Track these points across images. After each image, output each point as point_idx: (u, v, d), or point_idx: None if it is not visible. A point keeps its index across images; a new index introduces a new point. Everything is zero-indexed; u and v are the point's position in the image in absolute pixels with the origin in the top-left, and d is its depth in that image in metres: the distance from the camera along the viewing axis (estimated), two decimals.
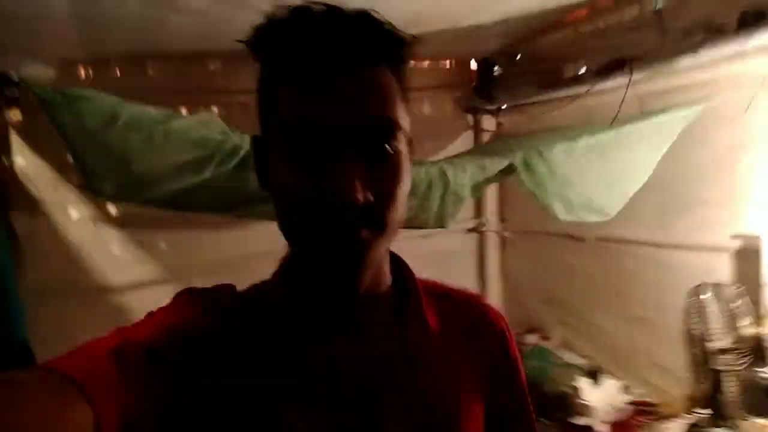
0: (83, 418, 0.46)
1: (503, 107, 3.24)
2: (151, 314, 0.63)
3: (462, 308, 0.74)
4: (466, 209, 3.46)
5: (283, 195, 0.57)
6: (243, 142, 1.56)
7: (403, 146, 0.58)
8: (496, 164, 1.97)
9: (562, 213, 2.05)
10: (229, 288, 0.67)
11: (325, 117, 0.52)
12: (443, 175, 1.91)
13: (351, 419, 0.60)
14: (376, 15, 0.55)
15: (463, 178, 1.94)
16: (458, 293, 0.77)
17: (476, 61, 3.27)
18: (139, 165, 1.44)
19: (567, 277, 3.07)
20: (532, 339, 3.08)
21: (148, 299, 0.71)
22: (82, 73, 2.53)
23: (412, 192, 1.92)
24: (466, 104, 3.28)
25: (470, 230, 3.55)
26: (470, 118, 3.41)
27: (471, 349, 0.71)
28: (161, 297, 0.68)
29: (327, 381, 0.60)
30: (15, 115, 2.31)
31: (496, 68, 3.18)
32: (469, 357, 0.70)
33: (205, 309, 0.62)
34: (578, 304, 3.03)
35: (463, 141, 3.38)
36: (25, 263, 2.32)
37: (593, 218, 2.14)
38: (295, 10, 0.54)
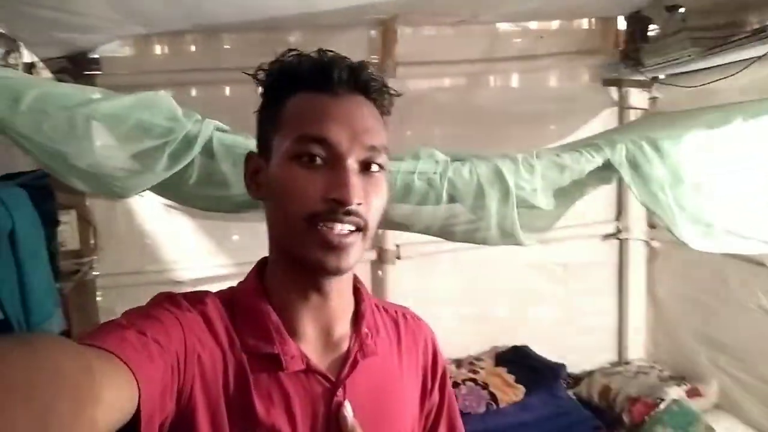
0: (128, 390, 0.52)
1: (659, 77, 2.44)
2: (131, 312, 0.65)
3: (399, 320, 0.82)
4: (606, 209, 2.75)
5: (285, 192, 0.66)
6: (202, 128, 1.19)
7: (385, 164, 0.69)
8: (586, 161, 1.34)
9: (694, 239, 1.35)
10: (205, 292, 0.72)
11: (339, 139, 0.65)
12: (498, 175, 1.35)
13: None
14: (369, 65, 0.71)
15: (532, 180, 1.35)
16: (391, 306, 0.85)
17: (624, 18, 2.49)
18: (74, 158, 1.16)
19: (736, 309, 2.24)
20: (673, 392, 2.28)
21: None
22: (158, 49, 2.40)
23: (452, 198, 1.39)
24: (609, 74, 2.55)
25: (608, 236, 2.81)
26: (614, 91, 2.67)
27: (408, 355, 0.79)
28: None
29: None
30: None
31: (651, 27, 2.37)
32: (408, 362, 0.79)
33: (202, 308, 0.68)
34: (750, 348, 2.19)
35: (603, 121, 2.65)
36: (101, 249, 2.31)
37: (753, 249, 1.38)
38: (306, 53, 0.70)
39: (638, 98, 2.62)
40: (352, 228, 0.65)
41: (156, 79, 2.26)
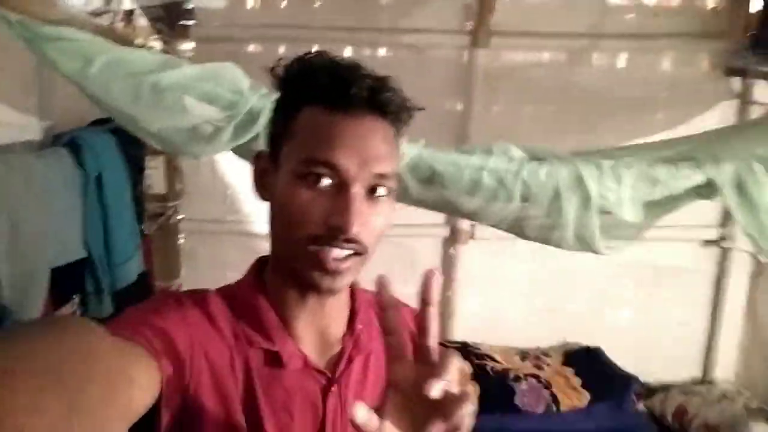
0: (152, 381, 0.55)
1: None
2: (135, 310, 0.65)
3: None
4: (707, 213, 2.47)
5: (288, 211, 0.65)
6: (267, 103, 1.16)
7: (392, 189, 0.68)
8: (683, 178, 1.17)
9: None
10: (205, 291, 0.72)
11: (347, 165, 0.63)
12: (579, 181, 1.21)
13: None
14: (391, 80, 0.68)
15: (617, 189, 1.21)
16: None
17: None
18: (143, 122, 1.17)
19: None
20: (761, 430, 2.05)
21: None
22: (252, 2, 2.40)
23: (526, 198, 1.28)
24: (733, 62, 2.22)
25: (709, 242, 2.53)
26: (736, 83, 2.33)
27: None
28: None
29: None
30: (188, 46, 2.29)
31: None
32: None
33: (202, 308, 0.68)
34: None
35: (721, 115, 2.35)
36: (186, 194, 2.42)
37: None
38: (328, 57, 0.67)
39: (765, 93, 2.28)
40: (350, 252, 0.64)
41: (246, 34, 2.27)
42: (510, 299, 2.61)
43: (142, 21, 2.02)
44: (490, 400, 2.17)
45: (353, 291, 0.78)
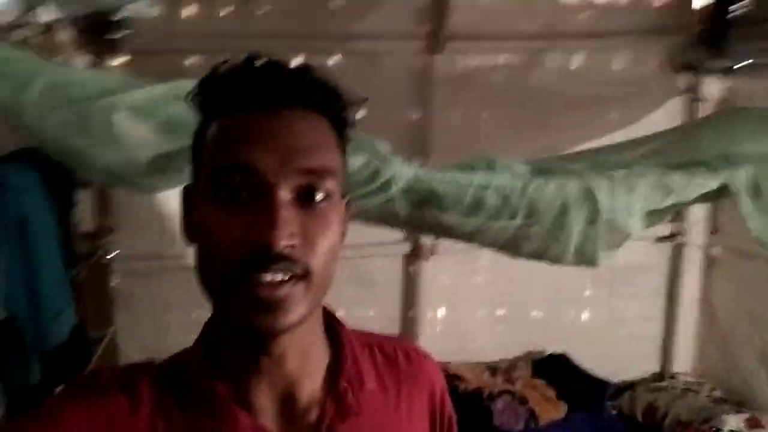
0: None
1: (739, 65, 2.17)
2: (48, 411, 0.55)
3: (399, 361, 0.68)
4: None
5: (205, 240, 0.54)
6: None
7: (335, 192, 0.56)
8: (697, 185, 1.12)
9: None
10: (147, 364, 0.61)
11: (264, 164, 0.52)
12: (588, 195, 1.13)
13: None
14: (314, 69, 0.57)
15: (629, 201, 1.14)
16: (390, 342, 0.70)
17: None
18: (91, 155, 0.96)
19: None
20: (732, 420, 2.08)
21: None
22: (190, 10, 2.17)
23: (531, 215, 1.18)
24: (681, 59, 2.27)
25: (662, 239, 2.58)
26: (681, 79, 2.39)
27: (411, 404, 0.67)
28: None
29: None
30: (119, 61, 2.03)
31: (735, 5, 2.10)
32: (412, 412, 0.66)
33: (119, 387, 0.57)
34: None
35: (667, 114, 2.38)
36: (118, 230, 2.15)
37: None
38: (239, 62, 0.56)
39: (712, 88, 2.35)
40: (286, 277, 0.51)
41: (186, 45, 2.06)
42: (473, 313, 2.56)
43: (63, 34, 1.77)
44: (467, 423, 2.09)
45: (338, 334, 0.64)
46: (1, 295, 1.43)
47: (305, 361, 0.59)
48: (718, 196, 1.18)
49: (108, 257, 2.11)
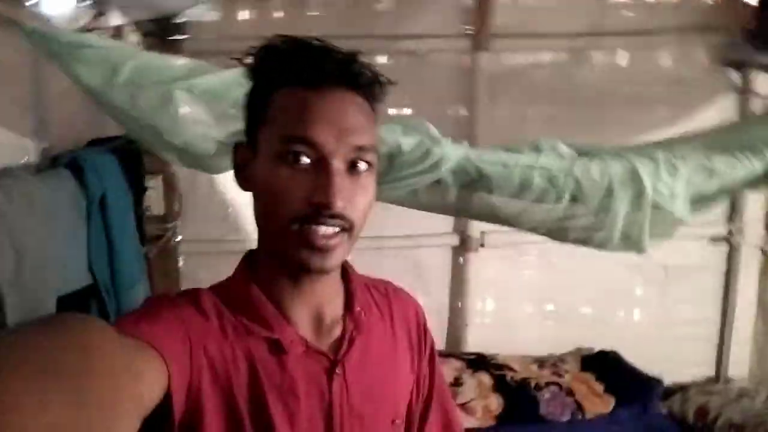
0: (159, 375, 0.57)
1: None
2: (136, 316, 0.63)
3: (390, 296, 0.85)
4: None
5: (271, 193, 0.65)
6: None
7: (374, 162, 0.68)
8: (742, 168, 1.14)
9: None
10: (196, 289, 0.72)
11: (325, 139, 0.63)
12: (634, 176, 1.16)
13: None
14: (360, 55, 0.68)
15: (673, 184, 1.17)
16: (381, 282, 0.87)
17: None
18: (168, 134, 1.08)
19: None
20: None
21: None
22: (245, 14, 2.32)
23: (576, 197, 1.23)
24: (731, 55, 2.24)
25: (716, 239, 2.53)
26: (735, 75, 2.36)
27: (399, 329, 0.82)
28: None
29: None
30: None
31: None
32: (398, 335, 0.82)
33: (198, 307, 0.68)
34: None
35: (720, 109, 2.36)
36: (184, 215, 2.30)
37: None
38: (295, 39, 0.66)
39: (764, 84, 2.30)
40: (337, 229, 0.65)
41: (241, 46, 2.18)
42: (521, 307, 2.57)
43: (132, 37, 1.93)
44: (514, 411, 2.13)
45: (348, 273, 0.78)
46: (86, 263, 1.58)
47: (331, 289, 0.74)
48: (766, 181, 1.19)
49: (175, 240, 2.27)
